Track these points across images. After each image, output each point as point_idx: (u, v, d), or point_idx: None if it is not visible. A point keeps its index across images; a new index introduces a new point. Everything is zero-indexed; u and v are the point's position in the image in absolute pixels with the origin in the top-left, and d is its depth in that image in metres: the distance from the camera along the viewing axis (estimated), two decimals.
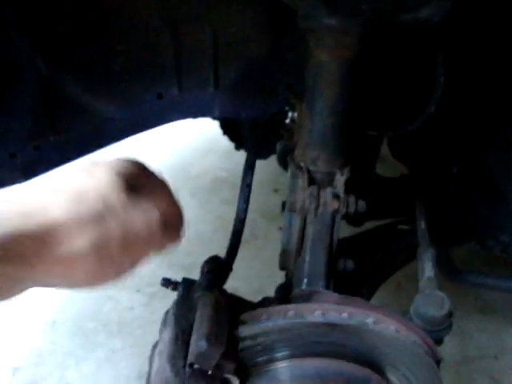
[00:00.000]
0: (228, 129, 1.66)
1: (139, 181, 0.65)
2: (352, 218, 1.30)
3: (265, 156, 1.59)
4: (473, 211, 1.36)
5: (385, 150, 1.42)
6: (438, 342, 0.97)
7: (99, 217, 0.57)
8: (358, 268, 1.08)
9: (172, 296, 0.86)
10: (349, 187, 0.96)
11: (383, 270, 1.28)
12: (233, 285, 0.92)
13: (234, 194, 2.21)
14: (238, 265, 2.02)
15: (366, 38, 0.86)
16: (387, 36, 0.95)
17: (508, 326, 1.84)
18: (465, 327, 1.83)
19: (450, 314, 0.97)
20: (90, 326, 1.78)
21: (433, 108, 0.97)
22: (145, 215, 0.62)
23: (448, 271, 1.42)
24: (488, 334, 1.81)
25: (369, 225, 1.39)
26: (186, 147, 2.82)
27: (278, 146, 1.31)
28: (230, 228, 2.13)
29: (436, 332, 0.96)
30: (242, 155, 1.62)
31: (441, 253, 1.35)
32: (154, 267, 1.93)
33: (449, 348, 1.75)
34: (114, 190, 0.60)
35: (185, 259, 1.84)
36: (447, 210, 1.36)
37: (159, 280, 1.63)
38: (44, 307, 1.85)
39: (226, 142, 1.89)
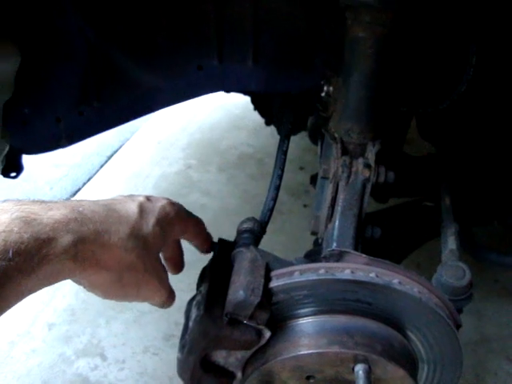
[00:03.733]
0: (259, 104, 1.70)
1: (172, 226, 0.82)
2: (378, 195, 1.35)
3: (295, 132, 1.63)
4: (496, 191, 1.39)
5: (412, 133, 1.45)
6: (458, 311, 1.01)
7: (141, 254, 0.72)
8: (382, 240, 1.13)
9: (198, 265, 0.92)
10: (379, 160, 1.00)
11: (406, 243, 1.32)
12: None
13: (259, 170, 2.29)
14: (263, 238, 2.08)
15: (401, 16, 0.89)
16: (422, 15, 0.98)
17: None
18: (482, 308, 1.87)
19: (470, 285, 1.02)
20: None
21: (463, 87, 1.01)
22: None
23: (471, 248, 1.46)
24: (505, 316, 1.84)
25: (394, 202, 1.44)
26: (214, 124, 2.87)
27: (310, 121, 1.36)
28: (255, 202, 2.19)
29: (456, 301, 1.00)
30: (267, 133, 1.67)
31: (464, 231, 1.39)
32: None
33: (466, 328, 1.77)
34: (159, 240, 0.77)
35: (211, 231, 1.91)
36: (472, 190, 1.39)
37: (185, 250, 1.70)
38: None
39: (252, 120, 1.94)
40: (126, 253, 0.71)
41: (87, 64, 1.12)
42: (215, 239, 0.96)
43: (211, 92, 1.25)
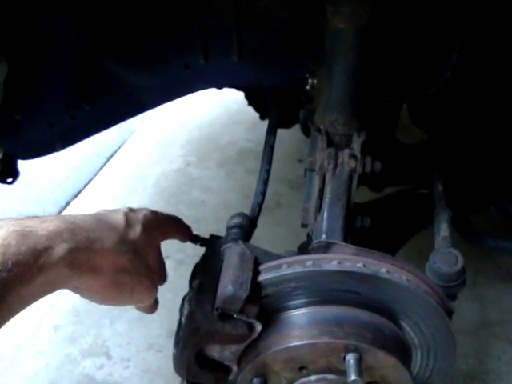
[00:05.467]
0: (252, 99, 1.71)
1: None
2: (373, 184, 1.36)
3: (288, 125, 1.64)
4: (491, 177, 1.39)
5: (407, 119, 1.45)
6: (452, 297, 1.02)
7: (133, 258, 0.77)
8: (378, 229, 1.13)
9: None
10: (369, 151, 1.00)
11: (403, 232, 1.32)
12: None
13: (259, 165, 2.28)
14: (262, 231, 2.09)
15: (381, 7, 0.90)
16: (404, 2, 0.98)
17: None
18: (485, 293, 1.87)
19: (463, 271, 1.02)
20: None
21: (448, 73, 1.01)
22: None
23: (468, 235, 1.46)
24: (508, 300, 1.84)
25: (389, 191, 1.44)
26: (212, 120, 2.88)
27: (301, 114, 1.37)
28: None
29: (450, 288, 1.01)
30: (266, 126, 1.68)
31: (460, 217, 1.39)
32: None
33: (469, 313, 1.79)
34: (147, 244, 0.82)
35: (212, 226, 1.92)
36: (466, 176, 1.39)
37: (187, 247, 1.71)
38: None
39: (250, 114, 1.94)
40: (119, 257, 0.75)
41: (75, 68, 1.14)
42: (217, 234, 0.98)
43: (200, 89, 1.26)
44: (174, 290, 1.84)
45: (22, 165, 1.42)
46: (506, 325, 1.77)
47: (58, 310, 1.81)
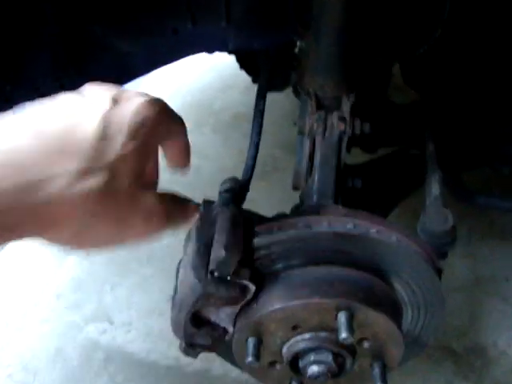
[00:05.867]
0: (244, 63, 1.69)
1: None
2: (365, 145, 1.36)
3: (281, 88, 1.63)
4: (484, 136, 1.40)
5: (401, 79, 1.44)
6: (443, 256, 1.04)
7: (104, 194, 0.53)
8: (369, 191, 1.14)
9: None
10: (360, 112, 1.00)
11: (395, 193, 1.34)
12: None
13: None
14: (259, 195, 2.10)
15: None
16: None
17: None
18: (478, 251, 1.90)
19: (453, 230, 1.03)
20: (121, 256, 1.90)
21: (439, 31, 1.00)
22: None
23: (460, 194, 1.47)
24: (500, 258, 1.87)
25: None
26: (205, 85, 2.85)
27: (292, 77, 1.36)
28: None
29: (440, 246, 1.02)
30: None
31: (453, 176, 1.40)
32: None
33: (462, 271, 1.83)
34: (131, 162, 0.56)
35: (208, 192, 1.94)
36: (458, 135, 1.39)
37: None
38: None
39: (245, 78, 1.93)
40: (81, 200, 0.52)
41: (62, 35, 1.12)
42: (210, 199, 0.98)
43: (190, 54, 1.25)
44: (173, 255, 1.86)
45: None
46: (497, 282, 1.81)
47: (59, 278, 1.85)
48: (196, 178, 2.22)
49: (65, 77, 1.20)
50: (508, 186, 1.53)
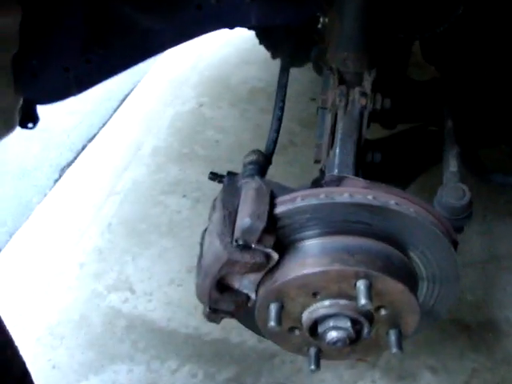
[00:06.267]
0: (264, 38, 1.71)
1: None
2: (385, 121, 1.38)
3: (300, 64, 1.65)
4: (502, 114, 1.40)
5: (421, 56, 1.45)
6: (459, 230, 1.06)
7: None
8: (388, 165, 1.17)
9: None
10: (380, 88, 1.02)
11: (413, 168, 1.36)
12: None
13: (271, 104, 2.30)
14: (276, 169, 2.13)
15: None
16: None
17: None
18: (494, 228, 1.92)
19: (470, 204, 1.06)
20: (142, 228, 1.95)
21: (460, 10, 1.01)
22: None
23: (477, 171, 1.49)
24: None
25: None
26: (223, 60, 2.87)
27: (313, 53, 1.37)
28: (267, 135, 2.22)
29: (457, 220, 1.05)
30: (277, 66, 1.69)
31: (470, 153, 1.42)
32: (198, 175, 2.08)
33: (478, 247, 1.85)
34: None
35: (227, 165, 1.97)
36: (477, 112, 1.40)
37: (203, 186, 1.76)
38: (98, 213, 2.04)
39: (261, 53, 1.94)
40: None
41: (89, 12, 1.15)
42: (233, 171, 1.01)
43: (213, 30, 1.27)
44: (192, 227, 1.93)
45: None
46: (511, 258, 1.82)
47: (81, 249, 1.90)
48: (214, 151, 2.25)
49: (91, 53, 1.23)
50: None
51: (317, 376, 1.49)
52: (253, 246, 0.84)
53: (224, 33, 1.46)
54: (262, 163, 0.97)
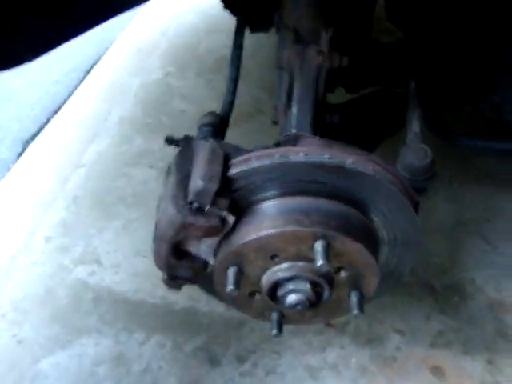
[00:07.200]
0: (228, 2, 1.66)
1: None
2: (348, 85, 1.35)
3: (266, 28, 1.60)
4: (468, 76, 1.39)
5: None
6: (423, 190, 1.05)
7: None
8: (351, 128, 1.15)
9: None
10: (341, 49, 0.99)
11: (378, 131, 1.34)
12: None
13: (240, 73, 2.26)
14: (243, 137, 2.09)
15: None
16: None
17: (503, 193, 1.92)
18: (461, 194, 1.92)
19: (432, 165, 1.05)
20: (108, 200, 1.91)
21: None
22: None
23: (443, 133, 1.48)
24: (483, 200, 1.90)
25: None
26: (190, 27, 2.80)
27: (275, 16, 1.33)
28: (239, 105, 2.20)
29: (419, 181, 1.04)
30: (247, 35, 1.65)
31: (436, 116, 1.41)
32: (164, 145, 2.04)
33: (443, 213, 1.86)
34: None
35: (191, 132, 1.95)
36: (442, 74, 1.39)
37: (169, 156, 1.71)
38: (64, 186, 1.99)
39: (229, 21, 1.89)
40: None
41: None
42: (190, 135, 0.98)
43: None
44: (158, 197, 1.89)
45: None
46: (479, 223, 1.84)
47: (46, 222, 1.86)
48: (180, 120, 2.21)
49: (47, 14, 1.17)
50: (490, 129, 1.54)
51: (285, 342, 1.50)
52: (207, 208, 0.82)
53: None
54: (217, 125, 0.94)
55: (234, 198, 0.84)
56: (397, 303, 1.57)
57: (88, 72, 2.61)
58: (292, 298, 0.91)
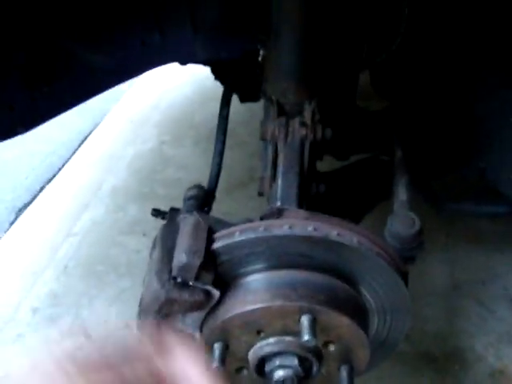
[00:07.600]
0: (218, 73, 1.71)
1: None
2: (337, 153, 1.38)
3: (255, 98, 1.65)
4: (451, 144, 1.42)
5: None
6: (411, 259, 1.04)
7: None
8: (338, 198, 1.15)
9: None
10: (327, 119, 1.01)
11: (365, 199, 1.35)
12: None
13: (233, 140, 2.31)
14: (237, 205, 2.10)
15: None
16: None
17: (497, 254, 1.91)
18: (455, 256, 1.92)
19: (420, 233, 1.04)
20: (100, 269, 1.89)
21: (398, 39, 1.02)
22: None
23: (431, 200, 1.49)
24: (477, 262, 1.89)
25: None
26: (186, 97, 2.87)
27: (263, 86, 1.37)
28: (232, 174, 2.21)
29: (408, 250, 1.03)
30: (237, 102, 1.70)
31: (423, 183, 1.42)
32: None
33: (439, 276, 1.84)
34: None
35: None
36: (427, 143, 1.41)
37: None
38: (55, 255, 1.97)
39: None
40: None
41: (30, 50, 1.13)
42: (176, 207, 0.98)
43: (159, 65, 1.26)
44: None
45: None
46: (474, 285, 1.82)
47: (35, 293, 1.83)
48: (176, 189, 2.22)
49: (36, 91, 1.20)
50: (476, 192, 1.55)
51: None
52: (191, 283, 0.81)
53: (187, 71, 1.44)
54: (201, 198, 0.95)
55: (219, 272, 0.83)
56: (394, 372, 1.52)
57: (83, 142, 2.65)
58: (279, 374, 0.88)
